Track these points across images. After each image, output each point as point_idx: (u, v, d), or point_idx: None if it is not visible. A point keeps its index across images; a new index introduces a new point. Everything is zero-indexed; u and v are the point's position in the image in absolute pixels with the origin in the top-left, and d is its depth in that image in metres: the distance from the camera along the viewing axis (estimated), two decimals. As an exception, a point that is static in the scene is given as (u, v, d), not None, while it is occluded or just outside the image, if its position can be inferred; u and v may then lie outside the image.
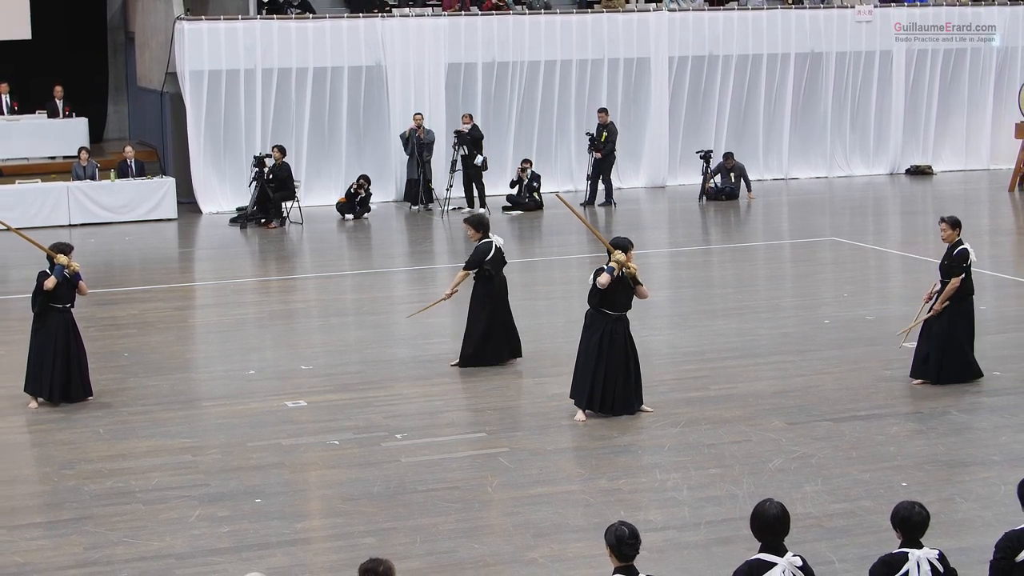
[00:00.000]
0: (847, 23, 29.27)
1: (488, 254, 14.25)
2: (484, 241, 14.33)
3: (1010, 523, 7.62)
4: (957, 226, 13.45)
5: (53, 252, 13.08)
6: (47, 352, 13.07)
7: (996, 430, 12.16)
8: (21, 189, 24.22)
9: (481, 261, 14.25)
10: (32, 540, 9.91)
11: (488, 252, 14.25)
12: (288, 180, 24.60)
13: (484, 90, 27.30)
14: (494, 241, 14.36)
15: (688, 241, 22.70)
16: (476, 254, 14.29)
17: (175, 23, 25.50)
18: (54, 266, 13.02)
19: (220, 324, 16.38)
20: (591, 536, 9.49)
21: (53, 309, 13.12)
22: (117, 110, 31.42)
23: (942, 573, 6.80)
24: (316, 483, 11.19)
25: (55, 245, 13.20)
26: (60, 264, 12.99)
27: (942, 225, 13.55)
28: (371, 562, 6.24)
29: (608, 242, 12.65)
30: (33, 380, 13.20)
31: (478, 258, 14.26)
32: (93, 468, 11.44)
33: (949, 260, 13.36)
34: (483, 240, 14.33)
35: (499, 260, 14.37)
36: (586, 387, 12.46)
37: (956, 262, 13.31)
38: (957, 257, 13.30)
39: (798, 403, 12.97)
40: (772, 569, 6.57)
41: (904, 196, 27.94)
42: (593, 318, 12.54)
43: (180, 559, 9.53)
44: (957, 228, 13.44)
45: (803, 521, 9.69)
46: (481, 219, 14.64)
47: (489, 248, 14.27)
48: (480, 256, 14.25)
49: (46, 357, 13.07)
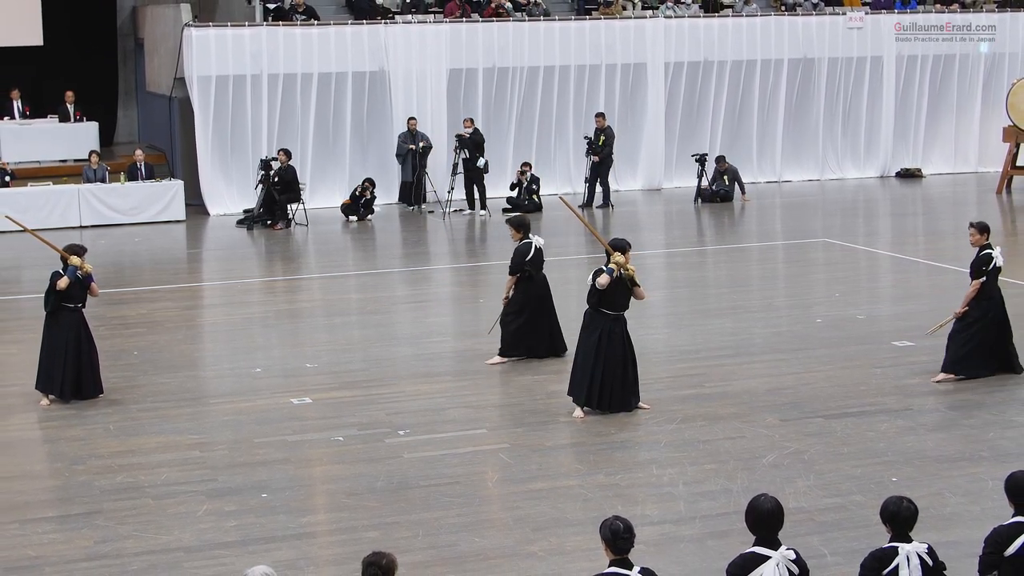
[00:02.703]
0: (839, 30, 29.45)
1: (528, 255, 14.42)
2: (524, 242, 14.48)
3: (998, 517, 7.72)
4: (985, 231, 13.55)
5: (67, 253, 13.24)
6: (58, 350, 13.22)
7: (984, 426, 12.26)
8: (33, 191, 24.39)
9: (522, 263, 14.42)
10: (44, 534, 9.98)
11: (528, 253, 14.42)
12: (294, 183, 24.75)
13: (485, 95, 27.48)
14: (534, 242, 14.52)
15: (684, 242, 22.82)
16: (517, 256, 14.45)
17: (183, 30, 25.65)
18: (67, 267, 13.21)
19: (227, 323, 16.46)
20: (589, 530, 9.41)
21: (65, 308, 13.28)
22: (127, 114, 31.56)
23: (931, 566, 6.84)
24: (321, 478, 11.24)
25: (69, 247, 13.35)
26: (73, 265, 13.19)
27: (971, 230, 13.65)
28: (374, 555, 6.29)
29: (607, 243, 12.85)
30: (45, 378, 13.35)
31: (519, 260, 14.42)
32: (103, 464, 11.51)
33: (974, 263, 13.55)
34: (523, 241, 14.50)
35: (539, 260, 14.54)
36: (584, 385, 12.61)
37: (976, 266, 13.48)
38: (977, 261, 13.47)
39: (791, 400, 13.07)
40: (766, 562, 6.61)
41: (894, 198, 28.10)
42: (592, 318, 12.71)
43: (188, 552, 9.58)
44: (985, 233, 13.54)
45: (796, 515, 9.72)
46: (522, 220, 14.83)
47: (528, 249, 14.44)
48: (520, 258, 14.41)
49: (57, 355, 13.22)
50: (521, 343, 14.60)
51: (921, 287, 18.83)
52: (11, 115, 27.45)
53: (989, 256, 13.43)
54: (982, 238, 13.54)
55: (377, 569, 6.21)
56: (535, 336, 14.63)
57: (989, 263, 13.43)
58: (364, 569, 6.25)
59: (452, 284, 20.18)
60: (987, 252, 13.46)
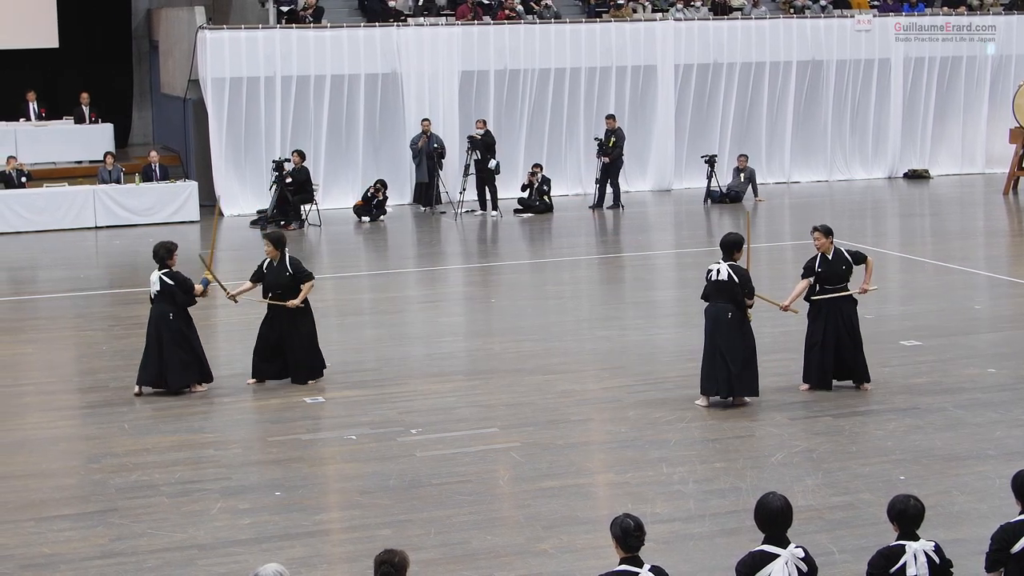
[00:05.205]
0: (847, 32, 29.55)
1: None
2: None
3: (1005, 515, 7.72)
4: (829, 235, 13.36)
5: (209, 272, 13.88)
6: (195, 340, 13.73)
7: (991, 425, 12.29)
8: (49, 192, 24.57)
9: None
10: (60, 532, 10.03)
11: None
12: (307, 183, 24.89)
13: (496, 97, 27.59)
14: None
15: (693, 242, 22.92)
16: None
17: (198, 32, 25.81)
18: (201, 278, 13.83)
19: (240, 323, 16.47)
20: (600, 528, 9.34)
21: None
22: (141, 116, 31.75)
23: (938, 564, 6.85)
24: (334, 476, 11.30)
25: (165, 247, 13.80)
26: (206, 279, 13.85)
27: (815, 234, 13.39)
28: (386, 553, 6.26)
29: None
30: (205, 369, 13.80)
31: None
32: (118, 462, 11.56)
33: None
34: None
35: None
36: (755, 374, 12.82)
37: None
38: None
39: (799, 399, 13.12)
40: (775, 560, 6.63)
41: (902, 199, 28.17)
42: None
43: (202, 550, 9.61)
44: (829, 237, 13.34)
45: (804, 513, 9.73)
46: (280, 237, 14.54)
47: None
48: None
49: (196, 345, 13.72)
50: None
51: (928, 287, 18.88)
52: (27, 117, 27.64)
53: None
54: (827, 242, 13.27)
55: (389, 567, 6.19)
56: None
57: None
58: (376, 567, 6.23)
59: (464, 284, 20.26)
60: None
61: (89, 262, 22.08)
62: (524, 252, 22.72)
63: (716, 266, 12.80)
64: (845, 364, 13.35)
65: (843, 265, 13.30)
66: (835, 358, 13.31)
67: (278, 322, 13.92)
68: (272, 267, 13.98)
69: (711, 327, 12.80)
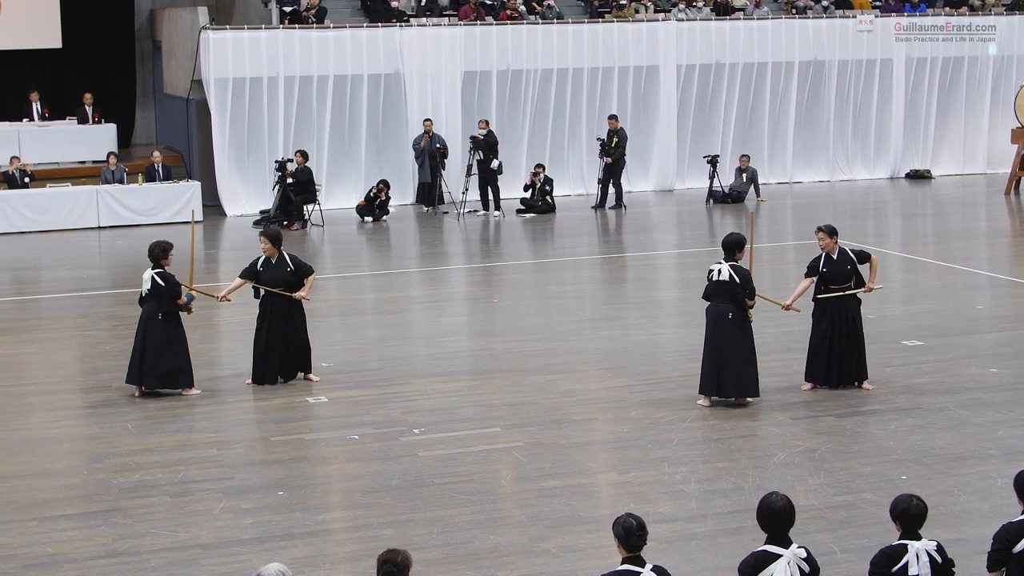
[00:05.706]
0: (849, 32, 29.58)
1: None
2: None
3: (1007, 515, 7.74)
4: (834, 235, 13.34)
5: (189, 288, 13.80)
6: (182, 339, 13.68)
7: (993, 425, 12.30)
8: (52, 192, 24.60)
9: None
10: (63, 531, 10.03)
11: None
12: (309, 184, 24.91)
13: (499, 97, 27.62)
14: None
15: (695, 242, 22.93)
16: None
17: (201, 32, 25.83)
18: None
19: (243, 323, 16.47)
20: (602, 527, 9.39)
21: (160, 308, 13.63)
22: (144, 116, 31.82)
23: (940, 564, 6.86)
24: (337, 476, 11.31)
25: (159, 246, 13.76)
26: (191, 294, 13.79)
27: (819, 234, 13.38)
28: (389, 552, 6.25)
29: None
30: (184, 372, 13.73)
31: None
32: (121, 462, 11.57)
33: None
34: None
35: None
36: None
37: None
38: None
39: (801, 399, 13.14)
40: (777, 560, 6.64)
41: (904, 199, 28.17)
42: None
43: (205, 549, 9.62)
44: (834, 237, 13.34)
45: (807, 513, 9.74)
46: (276, 234, 14.48)
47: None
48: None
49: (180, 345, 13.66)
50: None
51: (930, 287, 18.88)
52: (30, 117, 27.71)
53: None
54: (832, 242, 13.27)
55: (392, 566, 6.18)
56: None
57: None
58: (379, 566, 6.21)
59: (466, 284, 20.28)
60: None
61: (92, 262, 22.10)
62: (526, 252, 22.74)
63: (717, 266, 12.81)
64: (848, 364, 13.36)
65: (848, 265, 13.30)
66: (839, 358, 13.32)
67: (276, 319, 13.89)
68: (271, 264, 13.97)
69: (712, 327, 12.82)
